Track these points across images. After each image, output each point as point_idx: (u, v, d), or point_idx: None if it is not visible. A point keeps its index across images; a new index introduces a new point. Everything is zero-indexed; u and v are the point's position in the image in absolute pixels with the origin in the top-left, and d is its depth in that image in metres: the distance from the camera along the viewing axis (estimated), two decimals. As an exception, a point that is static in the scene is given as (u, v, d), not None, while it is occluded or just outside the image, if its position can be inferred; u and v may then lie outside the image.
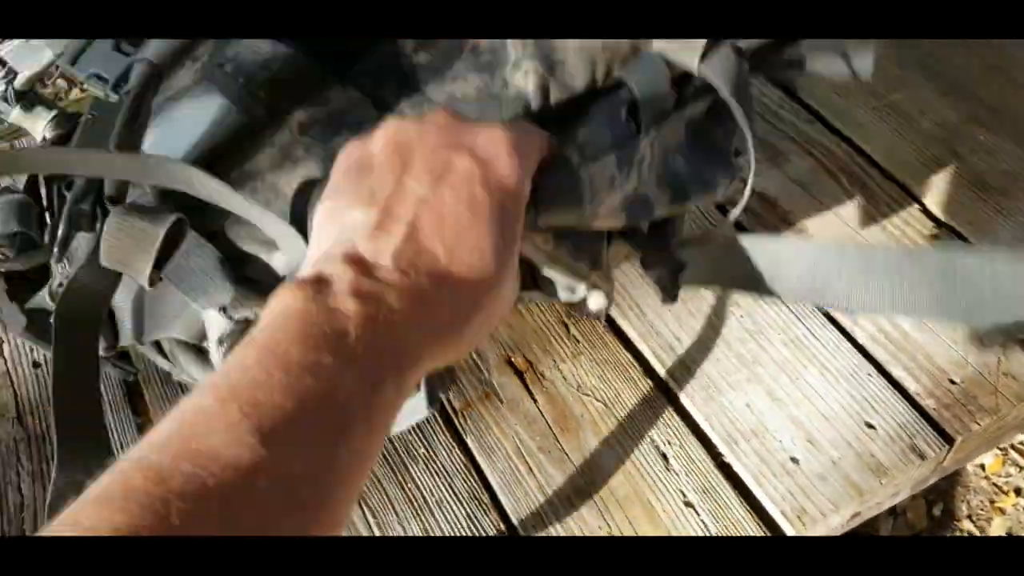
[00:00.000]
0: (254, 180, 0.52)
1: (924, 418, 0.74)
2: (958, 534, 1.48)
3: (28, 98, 0.65)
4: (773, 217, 0.88)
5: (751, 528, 0.68)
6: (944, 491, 1.51)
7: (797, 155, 0.93)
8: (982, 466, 1.52)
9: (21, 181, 0.62)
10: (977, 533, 1.47)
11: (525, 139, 0.45)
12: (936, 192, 0.90)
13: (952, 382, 0.76)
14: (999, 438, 0.80)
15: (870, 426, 0.73)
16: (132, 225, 0.47)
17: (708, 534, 0.68)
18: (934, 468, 0.75)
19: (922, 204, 0.89)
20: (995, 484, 1.51)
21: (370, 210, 0.40)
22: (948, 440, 0.72)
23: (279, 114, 0.54)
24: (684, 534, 0.68)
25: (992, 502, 1.49)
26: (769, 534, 0.68)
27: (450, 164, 0.41)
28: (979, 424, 0.73)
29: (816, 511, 0.69)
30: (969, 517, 1.49)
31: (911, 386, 0.76)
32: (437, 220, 0.40)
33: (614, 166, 0.51)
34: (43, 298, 0.59)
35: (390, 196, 0.40)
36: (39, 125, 0.64)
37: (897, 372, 0.76)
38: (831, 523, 0.70)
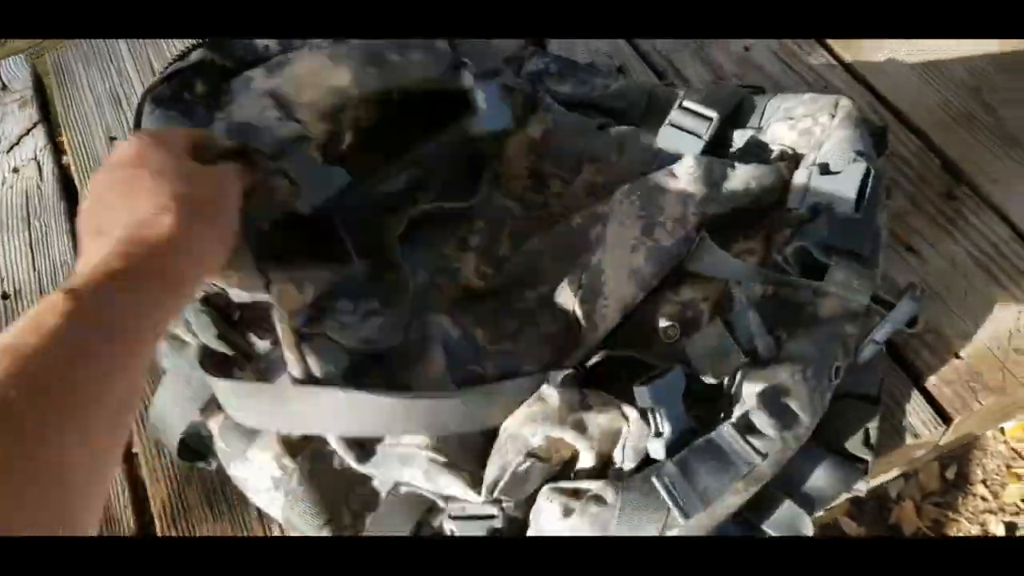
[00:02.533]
0: None
1: (922, 394, 0.69)
2: (971, 498, 1.43)
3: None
4: (781, 168, 0.83)
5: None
6: (959, 454, 1.46)
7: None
8: (1002, 429, 1.47)
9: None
10: (991, 498, 1.43)
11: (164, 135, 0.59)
12: (961, 147, 0.83)
13: (957, 356, 0.71)
14: (1004, 418, 0.75)
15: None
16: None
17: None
18: (929, 448, 0.70)
19: (944, 159, 0.83)
20: (1013, 448, 1.46)
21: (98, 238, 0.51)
22: (945, 419, 0.68)
23: None
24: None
25: (1008, 467, 1.44)
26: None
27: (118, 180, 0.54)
28: (981, 404, 0.68)
29: (796, 488, 0.65)
30: (983, 482, 1.44)
31: (911, 358, 0.71)
32: (129, 217, 0.51)
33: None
34: None
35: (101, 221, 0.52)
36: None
37: (898, 342, 0.71)
38: (812, 500, 0.66)
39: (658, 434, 0.55)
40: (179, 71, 0.69)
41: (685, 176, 0.64)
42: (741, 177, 0.64)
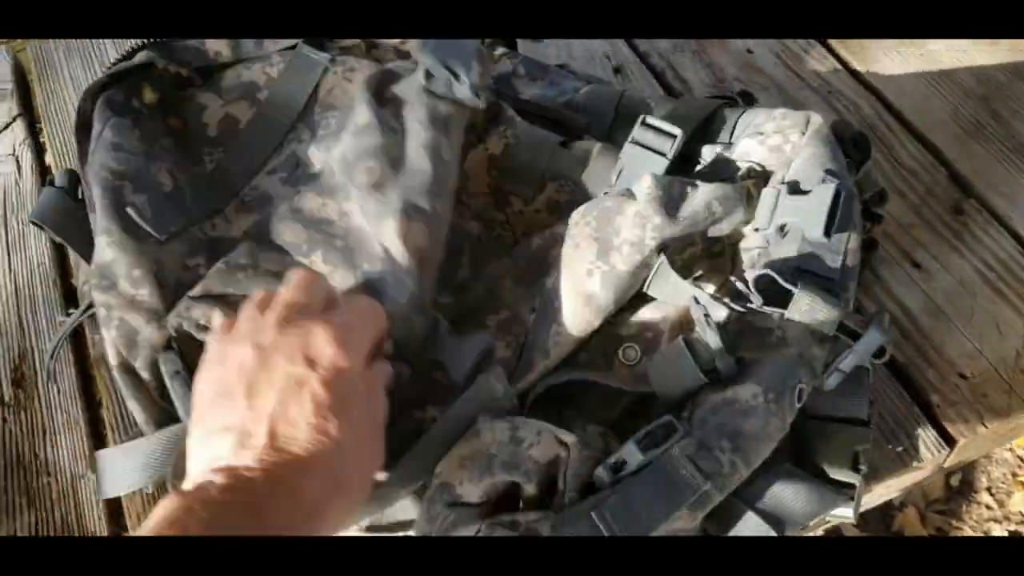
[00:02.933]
0: None
1: (926, 415, 0.67)
2: (975, 506, 1.41)
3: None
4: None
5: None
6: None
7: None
8: (1007, 438, 1.45)
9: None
10: (995, 507, 1.40)
11: (355, 328, 0.53)
12: (969, 158, 0.81)
13: (962, 376, 0.68)
14: (1007, 439, 0.73)
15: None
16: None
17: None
18: (931, 471, 0.68)
19: (952, 170, 0.80)
20: (1020, 457, 1.43)
21: (229, 436, 0.49)
22: (949, 442, 0.65)
23: None
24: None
25: (1014, 475, 1.42)
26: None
27: (289, 376, 0.49)
28: (986, 427, 0.66)
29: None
30: (988, 490, 1.42)
31: (915, 377, 0.68)
32: (287, 424, 0.48)
33: None
34: None
35: (245, 419, 0.49)
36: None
37: (901, 360, 0.69)
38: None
39: (617, 468, 0.52)
40: (125, 72, 0.66)
41: (643, 197, 0.60)
42: (702, 197, 0.60)
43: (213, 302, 0.61)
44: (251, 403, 0.49)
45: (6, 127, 0.90)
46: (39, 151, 0.89)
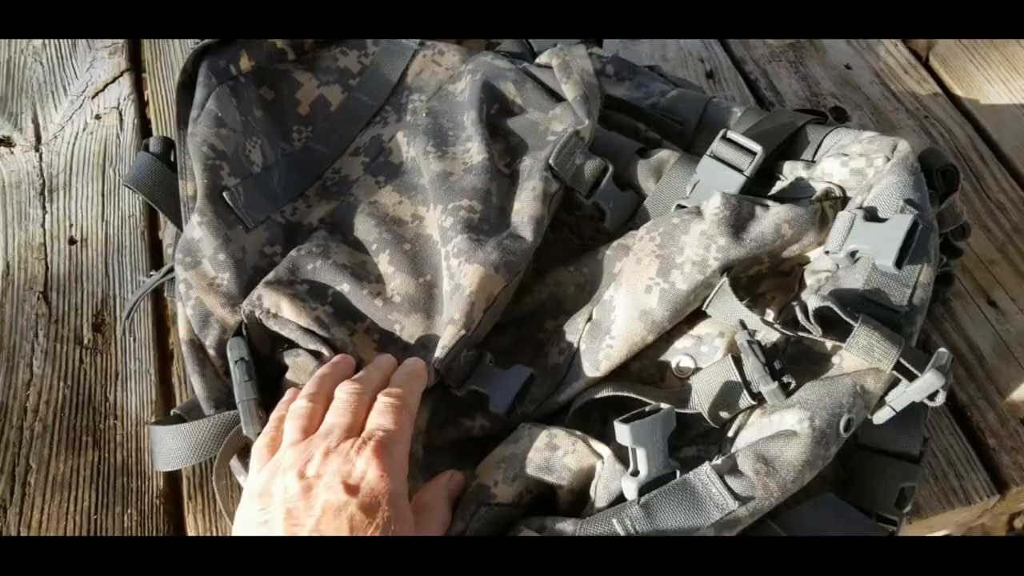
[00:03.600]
0: None
1: (980, 457, 0.65)
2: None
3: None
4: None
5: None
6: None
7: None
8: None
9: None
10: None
11: (399, 433, 0.54)
12: (1064, 200, 0.78)
13: (1023, 422, 0.66)
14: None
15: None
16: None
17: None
18: (979, 514, 0.66)
19: (1043, 210, 0.78)
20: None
21: None
22: (1001, 487, 0.64)
23: None
24: None
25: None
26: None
27: (328, 504, 0.50)
28: (1042, 477, 0.64)
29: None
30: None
31: (974, 418, 0.67)
32: None
33: None
34: None
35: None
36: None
37: (962, 399, 0.67)
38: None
39: (634, 473, 0.52)
40: (228, 37, 0.69)
41: (710, 217, 0.60)
42: (772, 219, 0.60)
43: (282, 290, 0.63)
44: (289, 530, 0.50)
45: (114, 80, 0.94)
46: (142, 106, 0.93)
